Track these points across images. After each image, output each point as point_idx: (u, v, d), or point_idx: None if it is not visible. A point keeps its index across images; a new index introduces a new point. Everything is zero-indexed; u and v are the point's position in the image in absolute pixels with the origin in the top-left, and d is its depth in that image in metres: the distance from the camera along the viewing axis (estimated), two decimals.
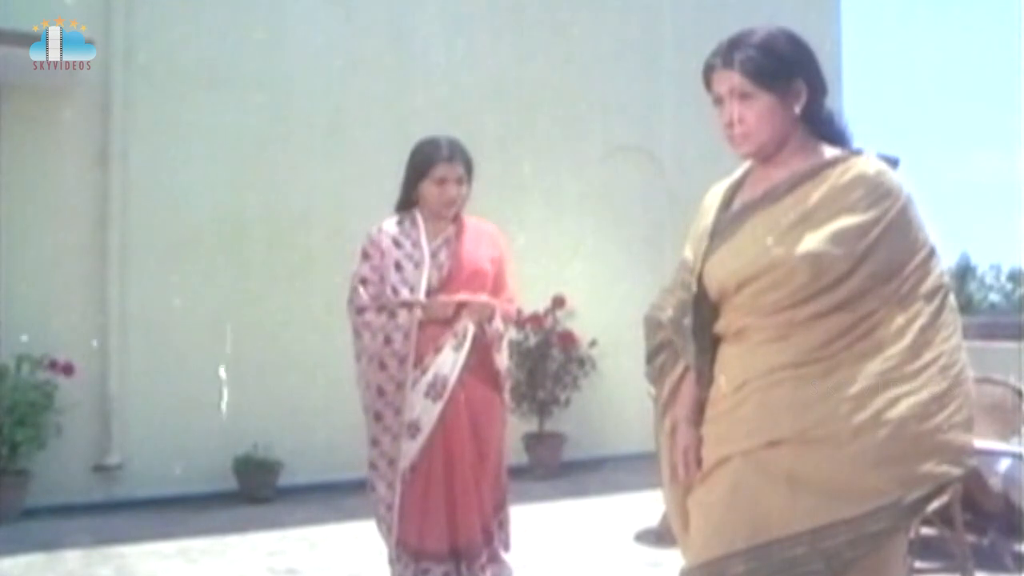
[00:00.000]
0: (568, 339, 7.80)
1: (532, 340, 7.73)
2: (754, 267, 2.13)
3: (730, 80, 2.19)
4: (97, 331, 6.70)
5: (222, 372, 6.96)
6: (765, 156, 2.24)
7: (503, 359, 3.79)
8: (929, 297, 2.10)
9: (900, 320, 2.06)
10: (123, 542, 5.62)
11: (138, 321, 6.80)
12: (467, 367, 3.62)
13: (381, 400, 3.62)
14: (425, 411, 3.58)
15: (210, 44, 7.14)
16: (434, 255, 3.69)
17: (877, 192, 2.11)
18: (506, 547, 3.79)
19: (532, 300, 7.29)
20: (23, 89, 6.56)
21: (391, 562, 3.70)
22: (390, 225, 3.76)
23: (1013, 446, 4.71)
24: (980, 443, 2.25)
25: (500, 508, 3.77)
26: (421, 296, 3.61)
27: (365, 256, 3.73)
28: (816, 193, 2.13)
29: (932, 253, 2.16)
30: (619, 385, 7.85)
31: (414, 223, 3.73)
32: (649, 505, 5.53)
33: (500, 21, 8.19)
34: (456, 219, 3.78)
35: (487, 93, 8.00)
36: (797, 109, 2.19)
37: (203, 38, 7.13)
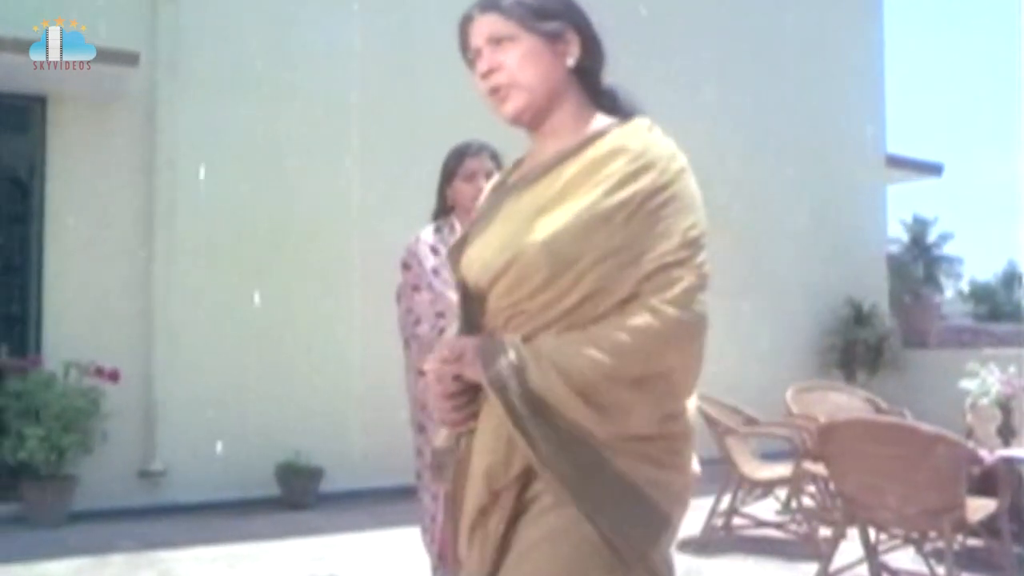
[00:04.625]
0: None
1: None
2: (499, 261, 1.78)
3: (488, 26, 1.86)
4: (142, 339, 6.78)
5: (264, 379, 7.03)
6: (536, 118, 1.89)
7: None
8: (665, 304, 1.69)
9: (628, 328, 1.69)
10: (167, 547, 5.68)
11: (182, 329, 6.88)
12: None
13: (424, 413, 3.62)
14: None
15: (254, 55, 7.21)
16: None
17: (635, 165, 1.75)
18: None
19: None
20: (69, 99, 6.68)
21: (432, 571, 3.71)
22: (427, 234, 3.75)
23: None
24: None
25: None
26: None
27: (405, 267, 3.71)
28: (570, 170, 1.80)
29: (690, 245, 1.73)
30: None
31: (452, 229, 3.71)
32: (690, 514, 5.50)
33: None
34: None
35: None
36: (570, 61, 1.86)
37: (247, 49, 7.20)
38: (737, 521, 5.77)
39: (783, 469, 5.74)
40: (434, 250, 3.69)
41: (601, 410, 1.68)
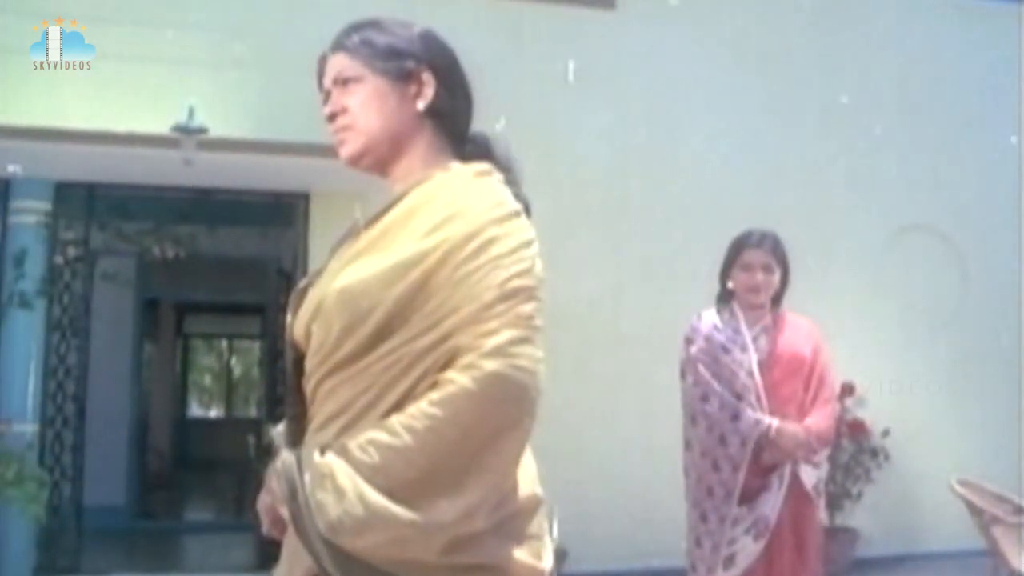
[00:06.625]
0: (858, 429, 7.45)
1: None
2: (308, 311, 1.68)
3: (335, 66, 1.78)
4: None
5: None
6: (379, 164, 1.80)
7: (819, 478, 3.74)
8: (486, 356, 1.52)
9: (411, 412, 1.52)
10: None
11: None
12: (787, 499, 3.58)
13: (710, 501, 3.59)
14: (744, 549, 3.53)
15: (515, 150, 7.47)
16: (754, 340, 3.73)
17: (444, 213, 1.61)
18: None
19: None
20: (328, 195, 7.18)
21: None
22: (710, 314, 3.84)
23: None
24: None
25: None
26: (758, 380, 3.62)
27: (688, 342, 3.80)
28: (388, 218, 1.69)
29: (510, 296, 1.57)
30: (916, 478, 7.39)
31: (732, 313, 3.79)
32: None
33: (776, 100, 8.10)
34: (772, 311, 3.82)
35: (765, 172, 7.89)
36: (421, 105, 1.75)
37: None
38: None
39: None
40: (717, 328, 3.76)
41: (429, 511, 1.49)
